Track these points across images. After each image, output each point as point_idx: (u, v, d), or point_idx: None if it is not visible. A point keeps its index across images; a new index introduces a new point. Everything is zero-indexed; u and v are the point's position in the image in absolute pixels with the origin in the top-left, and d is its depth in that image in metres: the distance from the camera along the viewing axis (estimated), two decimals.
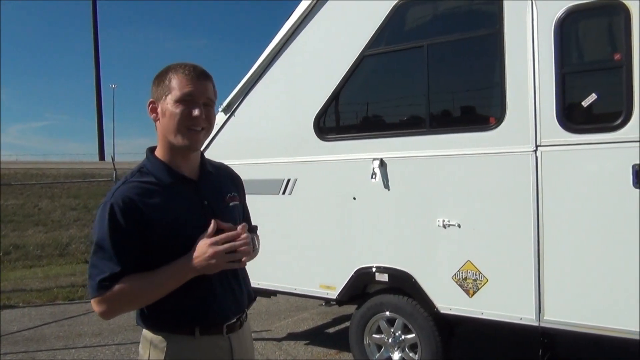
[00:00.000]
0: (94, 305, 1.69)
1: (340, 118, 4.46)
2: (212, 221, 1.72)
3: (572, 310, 3.32)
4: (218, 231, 1.73)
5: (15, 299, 7.75)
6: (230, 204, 1.93)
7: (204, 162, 1.90)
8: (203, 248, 1.67)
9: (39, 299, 7.79)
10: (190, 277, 1.69)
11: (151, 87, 1.80)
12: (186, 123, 1.72)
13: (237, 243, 1.69)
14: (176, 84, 1.72)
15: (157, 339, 1.78)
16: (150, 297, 1.71)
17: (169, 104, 1.73)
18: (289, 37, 4.52)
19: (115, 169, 9.60)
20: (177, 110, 1.71)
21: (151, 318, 1.78)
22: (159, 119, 1.77)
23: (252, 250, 1.78)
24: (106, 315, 1.70)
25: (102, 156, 48.43)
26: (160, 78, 1.77)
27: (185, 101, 1.72)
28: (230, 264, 1.71)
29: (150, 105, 1.79)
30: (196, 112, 1.72)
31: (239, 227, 1.75)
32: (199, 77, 1.75)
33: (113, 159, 11.26)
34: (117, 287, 1.64)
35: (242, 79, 4.81)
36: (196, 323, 1.78)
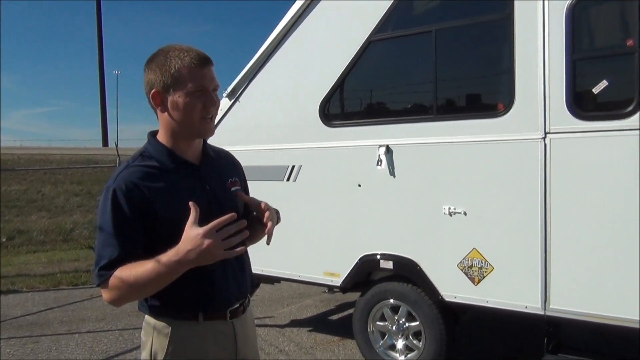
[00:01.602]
0: (102, 292, 1.66)
1: (346, 104, 4.41)
2: (191, 205, 1.59)
3: (578, 299, 3.29)
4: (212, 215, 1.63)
5: (19, 283, 7.77)
6: (232, 188, 1.90)
7: (206, 147, 1.88)
8: (196, 240, 1.53)
9: (43, 284, 7.81)
10: (185, 270, 1.59)
11: (147, 71, 1.72)
12: (202, 114, 1.71)
13: (232, 227, 1.57)
14: (187, 76, 1.67)
15: (161, 324, 1.76)
16: (151, 285, 1.62)
17: (181, 97, 1.68)
18: (294, 22, 4.47)
19: (118, 155, 9.61)
20: (194, 103, 1.68)
21: (154, 304, 1.76)
22: (166, 110, 1.72)
23: (274, 223, 1.85)
24: (113, 303, 1.66)
25: (105, 142, 48.47)
26: (161, 65, 1.69)
27: (199, 92, 1.69)
28: (228, 253, 1.57)
29: (156, 96, 1.71)
30: (211, 102, 1.71)
31: (263, 206, 1.83)
32: (206, 64, 1.71)
33: (117, 145, 11.26)
34: (114, 276, 1.60)
35: (246, 64, 4.77)
36: (199, 309, 1.76)
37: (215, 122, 5.13)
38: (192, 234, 1.55)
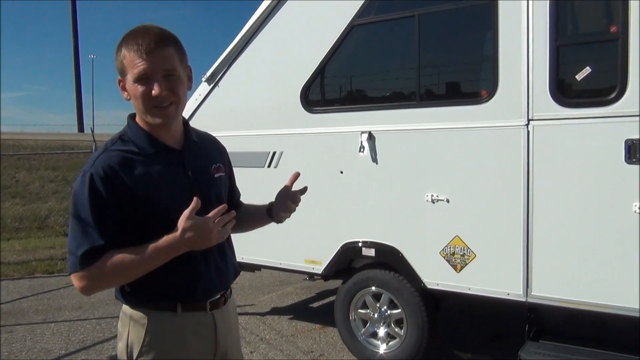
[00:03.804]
0: (74, 280, 1.60)
1: (327, 90, 4.35)
2: (195, 199, 1.58)
3: (559, 286, 3.31)
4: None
5: None
6: (216, 175, 1.85)
7: (189, 131, 1.82)
8: (205, 226, 1.56)
9: (17, 272, 7.64)
10: (180, 253, 1.61)
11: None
12: (151, 102, 1.62)
13: (226, 217, 1.61)
14: (129, 63, 1.61)
15: (138, 314, 1.71)
16: (136, 274, 1.61)
17: (129, 85, 1.64)
18: (275, 5, 4.37)
19: (94, 141, 9.44)
20: (138, 91, 1.62)
21: (132, 293, 1.70)
22: (130, 98, 1.68)
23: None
24: (87, 290, 1.61)
25: (81, 128, 47.60)
26: (117, 51, 1.66)
27: (142, 80, 1.61)
28: (220, 237, 1.64)
29: (121, 84, 1.69)
30: (155, 90, 1.61)
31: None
32: (152, 49, 1.59)
33: (92, 131, 11.06)
34: (100, 261, 1.55)
35: (226, 48, 4.66)
36: (178, 299, 1.72)
37: (194, 107, 5.01)
38: (199, 220, 1.57)
